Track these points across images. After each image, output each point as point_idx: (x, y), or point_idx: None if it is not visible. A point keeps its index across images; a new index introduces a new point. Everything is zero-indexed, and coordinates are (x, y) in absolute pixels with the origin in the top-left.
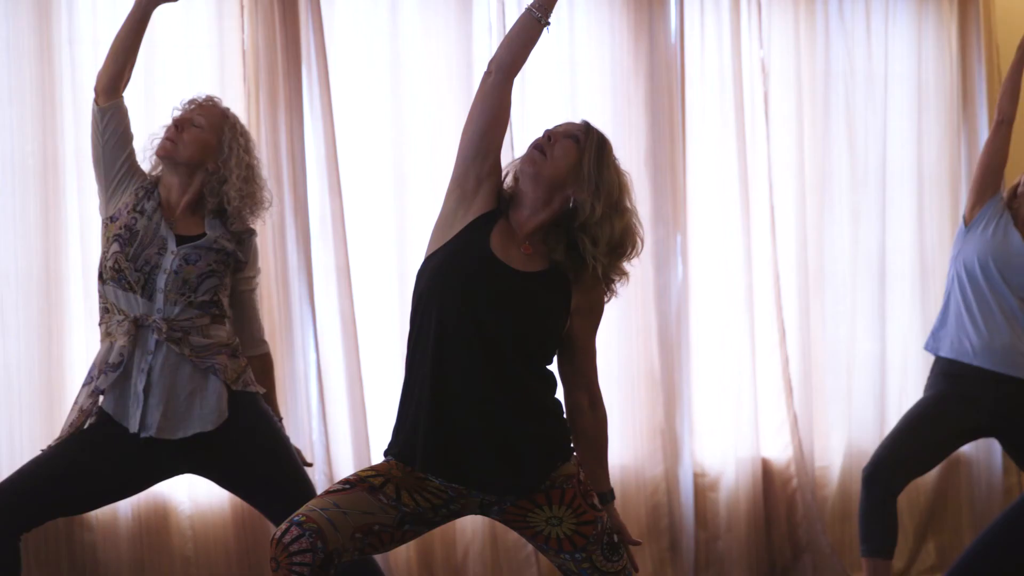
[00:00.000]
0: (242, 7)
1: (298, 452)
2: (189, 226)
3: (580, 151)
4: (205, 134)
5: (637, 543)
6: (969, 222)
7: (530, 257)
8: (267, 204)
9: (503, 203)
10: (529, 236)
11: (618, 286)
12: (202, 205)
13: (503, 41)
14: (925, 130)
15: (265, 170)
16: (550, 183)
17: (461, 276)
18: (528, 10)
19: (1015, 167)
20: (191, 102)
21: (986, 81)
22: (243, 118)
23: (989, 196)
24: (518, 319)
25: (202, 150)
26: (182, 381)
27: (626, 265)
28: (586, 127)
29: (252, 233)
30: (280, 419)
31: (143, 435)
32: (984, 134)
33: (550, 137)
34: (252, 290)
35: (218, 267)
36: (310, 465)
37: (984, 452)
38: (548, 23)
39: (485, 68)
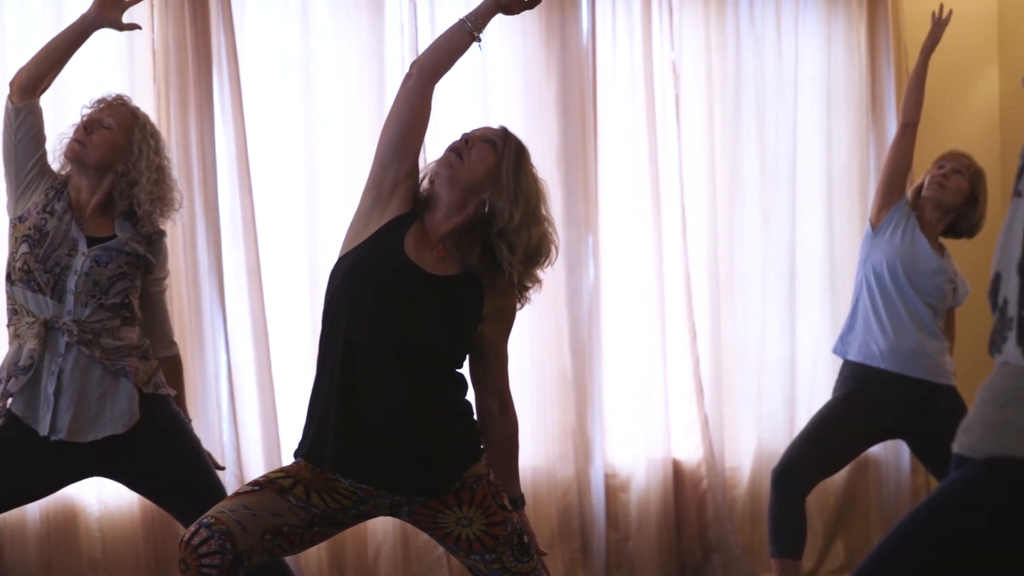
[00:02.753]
0: (152, 6)
1: (209, 456)
2: (99, 227)
3: (498, 156)
4: (115, 135)
5: (544, 553)
6: (876, 225)
7: (443, 260)
8: (177, 205)
9: (419, 205)
10: (443, 239)
11: (531, 293)
12: (112, 206)
13: (430, 45)
14: (835, 132)
15: (175, 171)
16: (466, 186)
17: (373, 278)
18: (462, 21)
19: (921, 170)
20: (100, 102)
21: (895, 84)
22: (153, 118)
23: (895, 199)
24: (429, 322)
25: (111, 152)
26: (93, 383)
27: (539, 271)
28: (504, 133)
29: (162, 235)
30: (190, 421)
31: (53, 438)
32: (893, 136)
33: (467, 141)
34: (162, 291)
35: (129, 269)
36: (222, 469)
37: (893, 453)
38: (479, 39)
39: (406, 70)
